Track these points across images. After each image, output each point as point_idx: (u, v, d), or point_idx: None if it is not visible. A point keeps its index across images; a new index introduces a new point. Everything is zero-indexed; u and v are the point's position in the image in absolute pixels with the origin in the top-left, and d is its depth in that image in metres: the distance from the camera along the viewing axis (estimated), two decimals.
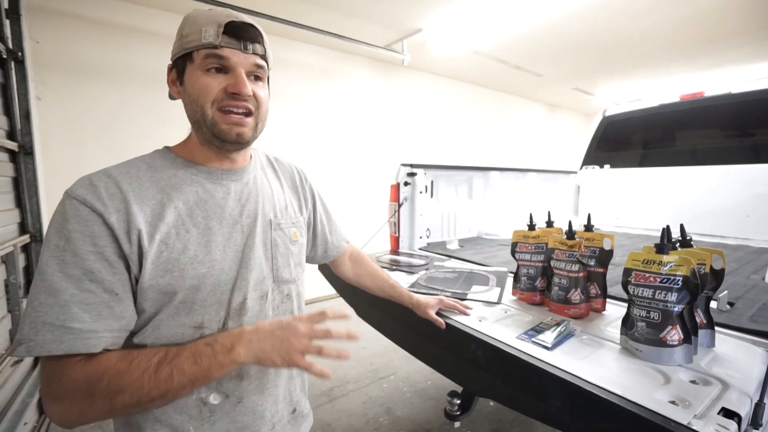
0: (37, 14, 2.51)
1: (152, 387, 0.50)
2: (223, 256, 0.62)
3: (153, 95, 2.93)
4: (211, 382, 0.56)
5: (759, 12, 3.08)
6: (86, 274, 0.51)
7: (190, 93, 0.60)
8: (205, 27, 0.58)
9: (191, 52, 0.59)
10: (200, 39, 0.57)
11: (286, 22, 2.97)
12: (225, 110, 0.59)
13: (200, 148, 0.65)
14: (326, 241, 0.93)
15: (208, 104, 0.59)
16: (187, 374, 0.51)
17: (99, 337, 0.51)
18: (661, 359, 0.77)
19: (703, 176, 2.56)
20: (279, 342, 0.56)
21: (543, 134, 6.76)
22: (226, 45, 0.58)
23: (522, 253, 1.21)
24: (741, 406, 0.63)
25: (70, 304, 0.50)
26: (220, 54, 0.58)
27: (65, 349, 0.49)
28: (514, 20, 3.22)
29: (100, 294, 0.52)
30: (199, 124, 0.61)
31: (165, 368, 0.51)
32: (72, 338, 0.49)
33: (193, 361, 0.52)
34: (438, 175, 2.21)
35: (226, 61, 0.59)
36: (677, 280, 0.77)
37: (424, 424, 2.01)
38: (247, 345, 0.55)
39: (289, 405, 0.73)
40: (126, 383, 0.49)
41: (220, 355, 0.53)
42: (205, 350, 0.54)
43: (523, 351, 0.83)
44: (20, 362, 1.74)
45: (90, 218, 0.52)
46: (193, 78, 0.59)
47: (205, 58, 0.58)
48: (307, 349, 0.57)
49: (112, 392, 0.49)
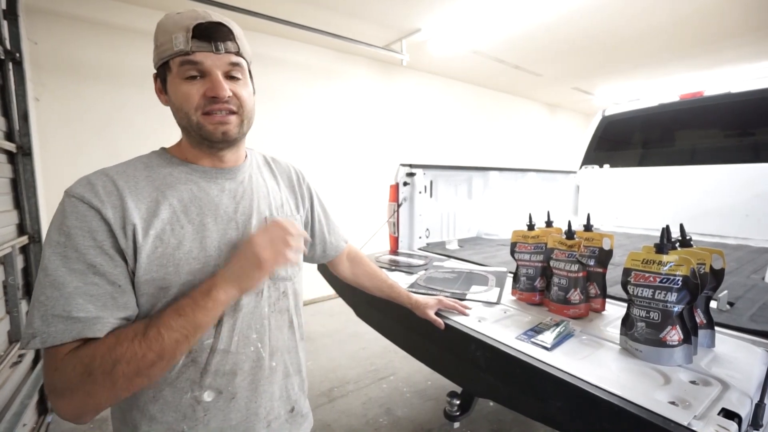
0: (35, 15, 2.50)
1: (146, 349, 0.51)
2: (218, 252, 0.63)
3: (151, 96, 2.88)
4: (204, 331, 0.56)
5: (758, 11, 3.08)
6: (89, 267, 0.53)
7: (173, 101, 0.62)
8: (174, 34, 0.58)
9: (167, 60, 0.59)
10: (172, 47, 0.58)
11: (284, 22, 2.97)
12: (208, 113, 0.60)
13: (192, 150, 0.66)
14: (325, 240, 0.93)
15: (192, 110, 0.60)
16: (175, 328, 0.52)
17: (105, 322, 0.53)
18: (660, 359, 0.77)
19: (703, 176, 2.55)
20: (245, 260, 0.59)
21: (542, 134, 6.76)
22: (197, 49, 0.58)
23: (521, 253, 1.21)
24: (741, 406, 0.62)
25: (75, 296, 0.51)
26: (193, 60, 0.58)
27: (74, 336, 0.50)
28: (513, 20, 3.22)
29: (104, 286, 0.53)
30: (187, 129, 0.63)
31: (152, 329, 0.52)
32: (81, 326, 0.51)
33: (177, 315, 0.54)
34: (437, 175, 2.21)
35: (200, 66, 0.59)
36: (677, 280, 0.77)
37: (424, 424, 2.01)
38: (221, 280, 0.57)
39: (286, 403, 0.72)
40: (119, 353, 0.50)
41: (200, 300, 0.55)
42: (185, 302, 0.55)
43: (522, 351, 0.83)
44: (19, 363, 1.74)
45: (88, 214, 0.54)
46: (174, 87, 0.60)
47: (180, 65, 0.59)
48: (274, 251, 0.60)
49: (108, 366, 0.49)
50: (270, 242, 0.60)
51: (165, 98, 0.65)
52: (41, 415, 2.00)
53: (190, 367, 0.60)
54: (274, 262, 0.60)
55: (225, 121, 0.61)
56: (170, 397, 0.60)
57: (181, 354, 0.55)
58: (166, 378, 0.59)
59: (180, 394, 0.60)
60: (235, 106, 0.62)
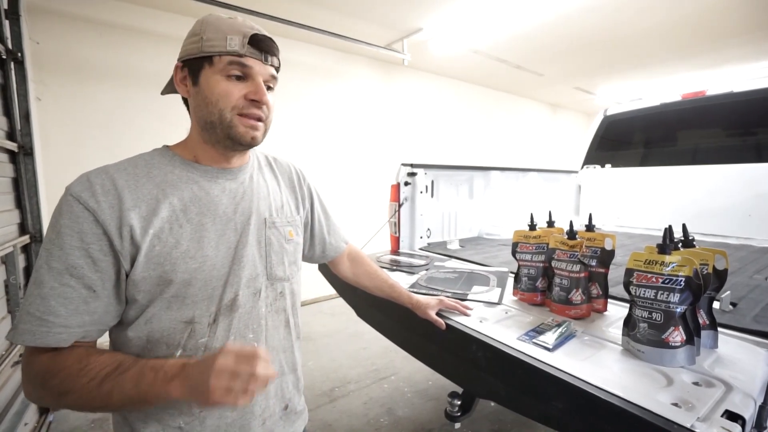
0: (36, 15, 2.51)
1: (94, 397, 0.52)
2: (216, 252, 0.63)
3: (153, 95, 2.93)
4: (149, 407, 0.58)
5: (761, 10, 3.06)
6: (68, 268, 0.53)
7: (207, 95, 0.62)
8: (230, 35, 0.60)
9: (212, 56, 0.60)
10: (225, 46, 0.60)
11: (286, 22, 2.97)
12: (242, 115, 0.62)
13: (203, 147, 0.66)
14: (324, 241, 0.93)
15: (228, 108, 0.61)
16: (126, 394, 0.52)
17: (70, 332, 0.54)
18: (663, 360, 0.76)
19: (705, 176, 2.54)
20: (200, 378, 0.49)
21: (544, 134, 6.74)
22: (250, 55, 0.61)
23: (523, 254, 1.21)
24: (745, 408, 0.62)
25: (49, 297, 0.53)
26: (244, 62, 0.61)
27: (37, 343, 0.53)
28: (515, 19, 3.21)
29: (78, 289, 0.54)
30: (214, 125, 0.63)
31: (107, 384, 0.52)
32: (45, 331, 0.52)
33: (134, 384, 0.51)
34: (438, 175, 2.20)
35: (248, 70, 0.62)
36: (680, 281, 0.76)
37: (425, 424, 2.01)
38: (183, 379, 0.51)
39: (281, 401, 0.73)
40: (73, 386, 0.52)
41: (159, 383, 0.51)
42: (148, 374, 0.52)
43: (523, 352, 0.83)
44: (20, 363, 1.74)
45: (81, 215, 0.54)
46: (213, 81, 0.61)
47: (228, 64, 0.61)
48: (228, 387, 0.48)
49: (61, 391, 0.52)
50: (230, 376, 0.49)
51: (188, 89, 0.64)
52: (42, 414, 2.00)
53: None
54: (221, 397, 0.48)
55: (256, 127, 0.64)
56: None
57: (126, 410, 0.59)
58: None
59: None
60: (264, 114, 0.65)
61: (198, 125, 0.65)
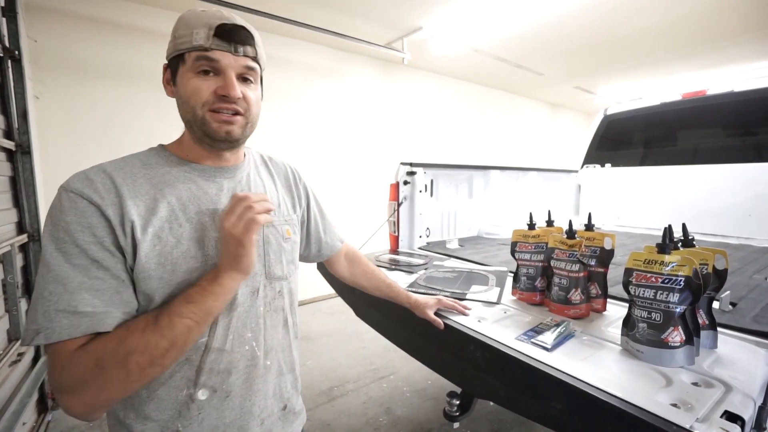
0: (34, 12, 2.50)
1: (159, 338, 0.51)
2: (215, 251, 0.62)
3: (152, 94, 2.93)
4: (213, 316, 0.58)
5: (761, 9, 3.06)
6: (93, 262, 0.53)
7: (181, 94, 0.61)
8: (196, 29, 0.58)
9: (183, 53, 0.60)
10: (191, 41, 0.58)
11: (286, 20, 2.96)
12: (215, 111, 0.61)
13: (193, 146, 0.66)
14: (320, 240, 0.93)
15: (199, 105, 0.60)
16: (185, 314, 0.53)
17: (113, 316, 0.53)
18: (662, 361, 0.76)
19: (706, 175, 2.54)
20: (226, 243, 0.59)
21: (544, 133, 6.74)
22: (216, 47, 0.59)
23: (522, 253, 1.20)
24: (744, 409, 0.61)
25: (80, 291, 0.51)
26: (210, 56, 0.59)
27: (84, 331, 0.50)
28: (515, 18, 3.20)
29: (108, 280, 0.53)
30: (191, 123, 0.62)
31: (163, 318, 0.53)
32: (88, 321, 0.51)
33: (187, 302, 0.55)
34: (438, 174, 2.20)
35: (216, 64, 0.59)
36: (679, 281, 0.76)
37: (424, 424, 2.01)
38: (223, 269, 0.58)
39: (279, 401, 0.73)
40: (131, 344, 0.51)
41: (208, 286, 0.57)
42: (194, 290, 0.56)
43: (522, 352, 0.82)
44: (18, 362, 1.74)
45: (87, 210, 0.53)
46: (185, 79, 0.60)
47: (195, 60, 0.59)
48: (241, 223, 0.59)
49: (121, 357, 0.50)
50: (237, 217, 0.59)
51: (172, 90, 0.64)
52: (41, 414, 2.00)
53: (185, 366, 0.60)
54: (247, 232, 0.59)
55: (230, 121, 0.62)
56: (165, 395, 0.60)
57: (192, 341, 0.56)
58: (160, 377, 0.59)
59: (174, 393, 0.60)
60: (242, 108, 0.62)
61: (184, 125, 0.65)
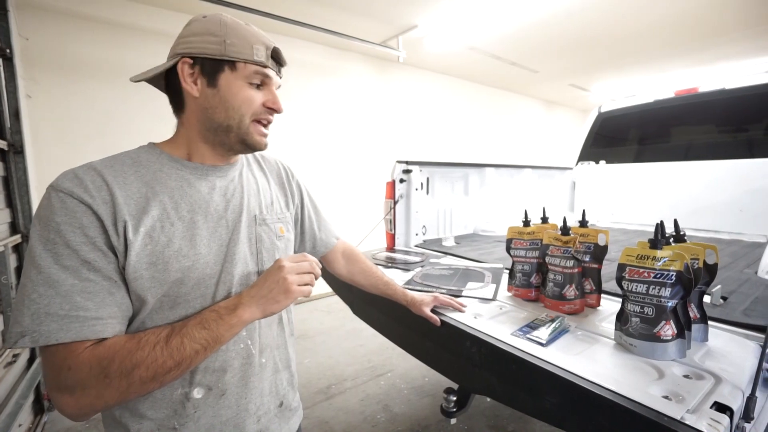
0: (25, 10, 2.47)
1: (166, 357, 0.52)
2: (208, 250, 0.62)
3: (147, 93, 2.87)
4: (222, 344, 0.59)
5: (752, 7, 3.09)
6: (83, 264, 0.52)
7: (228, 99, 0.62)
8: (256, 45, 0.62)
9: (235, 61, 0.62)
10: (252, 55, 0.62)
11: (280, 18, 2.94)
12: (257, 121, 0.66)
13: (200, 146, 0.66)
14: (314, 237, 0.93)
15: (248, 114, 0.64)
16: (197, 339, 0.54)
17: (105, 323, 0.52)
18: (654, 354, 0.78)
19: (698, 172, 2.57)
20: (275, 285, 0.61)
21: (539, 130, 6.77)
22: (271, 67, 0.65)
23: (517, 250, 1.21)
24: (733, 400, 0.63)
25: (72, 294, 0.50)
26: (267, 73, 0.65)
27: (73, 337, 0.50)
28: (510, 16, 3.21)
29: (100, 282, 0.53)
30: (230, 128, 0.64)
31: (175, 339, 0.53)
32: (78, 326, 0.50)
33: (201, 327, 0.55)
34: (434, 172, 2.21)
35: (267, 80, 0.65)
36: (671, 275, 0.77)
37: (422, 420, 2.02)
38: (248, 302, 0.60)
39: (275, 398, 0.73)
40: (139, 358, 0.51)
41: (225, 316, 0.58)
42: (210, 316, 0.57)
43: (517, 348, 0.83)
44: (13, 364, 1.73)
45: (78, 210, 0.53)
46: (236, 87, 0.62)
47: (254, 73, 0.63)
48: (300, 281, 0.63)
49: (127, 369, 0.50)
50: (299, 276, 0.63)
51: (202, 89, 0.62)
52: (37, 415, 1.99)
53: None
54: (299, 291, 0.62)
55: (266, 134, 0.68)
56: (160, 394, 0.60)
57: (195, 364, 0.56)
58: None
59: (170, 392, 0.60)
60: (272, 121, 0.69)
61: (203, 125, 0.64)
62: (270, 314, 0.62)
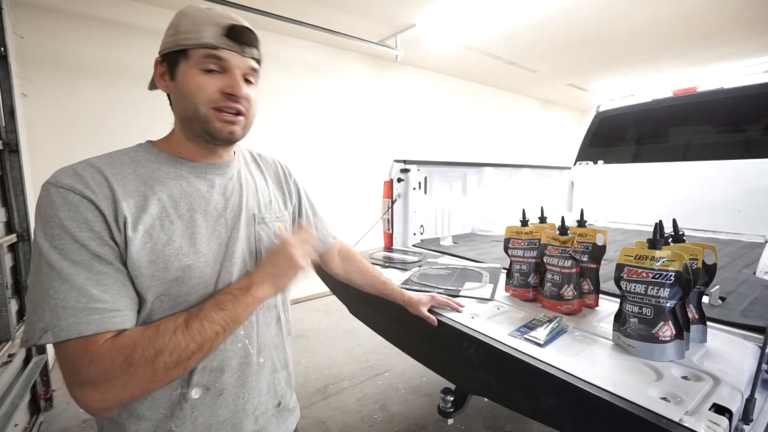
0: (20, 8, 2.45)
1: (189, 341, 0.52)
2: (208, 249, 0.62)
3: (143, 92, 2.86)
4: (239, 324, 0.60)
5: (750, 7, 3.09)
6: (94, 257, 0.52)
7: (183, 89, 0.60)
8: (205, 27, 0.58)
9: (186, 49, 0.59)
10: (200, 38, 0.58)
11: (278, 17, 2.93)
12: (218, 109, 0.61)
13: (186, 143, 0.65)
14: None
15: (203, 102, 0.60)
16: (217, 321, 0.55)
17: (123, 315, 0.53)
18: (653, 355, 0.77)
19: (696, 172, 2.57)
20: (282, 261, 0.63)
21: (537, 130, 6.77)
22: (225, 47, 0.60)
23: (515, 249, 1.21)
24: (732, 401, 0.62)
25: (87, 287, 0.50)
26: (219, 55, 0.59)
27: (94, 329, 0.49)
28: (508, 16, 3.21)
29: (113, 274, 0.53)
30: (191, 120, 0.61)
31: (194, 322, 0.54)
32: (98, 318, 0.50)
33: (218, 309, 0.56)
34: (432, 172, 2.20)
35: (224, 63, 0.60)
36: (669, 276, 0.77)
37: (419, 420, 2.02)
38: (260, 280, 0.61)
39: (273, 398, 0.72)
40: (162, 344, 0.51)
41: (240, 297, 0.59)
42: (225, 297, 0.58)
43: (515, 348, 0.83)
44: (9, 363, 1.71)
45: (81, 205, 0.52)
46: (189, 75, 0.60)
47: (203, 57, 0.59)
48: (303, 252, 0.64)
49: (151, 356, 0.50)
50: (302, 244, 0.65)
51: (167, 84, 0.63)
52: (33, 415, 1.98)
53: None
54: (305, 263, 0.64)
55: (233, 121, 0.62)
56: (158, 394, 0.59)
57: (216, 346, 0.57)
58: None
59: (167, 392, 0.59)
60: (244, 108, 0.63)
61: (179, 121, 0.64)
62: (281, 290, 0.64)
